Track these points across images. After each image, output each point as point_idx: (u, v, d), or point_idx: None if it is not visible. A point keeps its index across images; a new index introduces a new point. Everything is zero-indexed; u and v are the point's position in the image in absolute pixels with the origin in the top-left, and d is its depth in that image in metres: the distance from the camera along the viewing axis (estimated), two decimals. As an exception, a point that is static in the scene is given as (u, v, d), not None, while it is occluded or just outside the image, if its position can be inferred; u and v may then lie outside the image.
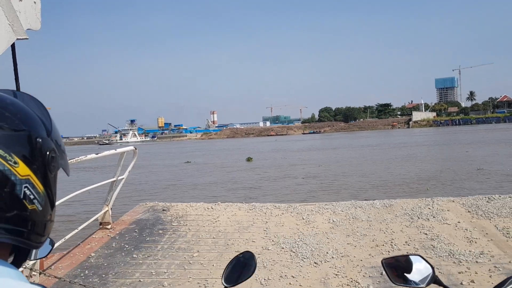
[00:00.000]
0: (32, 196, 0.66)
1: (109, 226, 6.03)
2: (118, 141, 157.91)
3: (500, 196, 6.71)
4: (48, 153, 0.69)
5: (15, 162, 0.64)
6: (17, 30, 3.47)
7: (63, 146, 0.77)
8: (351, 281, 4.33)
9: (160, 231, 6.02)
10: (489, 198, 6.64)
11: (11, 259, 0.71)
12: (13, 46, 3.59)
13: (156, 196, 15.38)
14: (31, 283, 0.66)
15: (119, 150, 5.94)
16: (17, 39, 3.51)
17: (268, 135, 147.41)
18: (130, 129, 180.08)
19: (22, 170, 0.64)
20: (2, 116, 0.64)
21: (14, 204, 0.63)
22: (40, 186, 0.68)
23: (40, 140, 0.68)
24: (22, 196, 0.64)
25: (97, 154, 5.02)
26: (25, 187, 0.65)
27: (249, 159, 33.69)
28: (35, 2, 3.70)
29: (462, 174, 18.04)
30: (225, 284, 1.47)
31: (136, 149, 6.25)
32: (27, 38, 3.64)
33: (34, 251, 0.98)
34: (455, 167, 20.88)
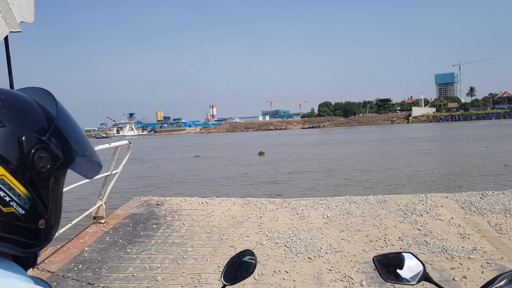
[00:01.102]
0: (8, 198, 0.61)
1: (103, 221, 6.02)
2: (115, 134, 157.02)
3: (493, 193, 6.74)
4: (33, 151, 0.64)
5: None
6: (10, 22, 3.44)
7: (81, 144, 0.73)
8: (345, 277, 4.35)
9: (154, 226, 6.02)
10: (482, 195, 6.67)
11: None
12: (6, 39, 3.57)
13: (173, 192, 14.70)
14: (32, 277, 0.66)
15: (113, 144, 5.92)
16: (10, 32, 3.49)
17: (267, 129, 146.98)
18: (127, 123, 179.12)
19: None
20: None
21: None
22: (20, 188, 0.63)
23: (24, 137, 0.63)
24: None
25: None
26: None
27: (261, 153, 32.69)
28: (28, -5, 3.67)
29: (490, 171, 17.09)
30: (223, 282, 1.46)
31: (130, 143, 6.24)
32: (20, 31, 3.61)
33: None
34: (480, 163, 19.95)
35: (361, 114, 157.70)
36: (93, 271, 4.60)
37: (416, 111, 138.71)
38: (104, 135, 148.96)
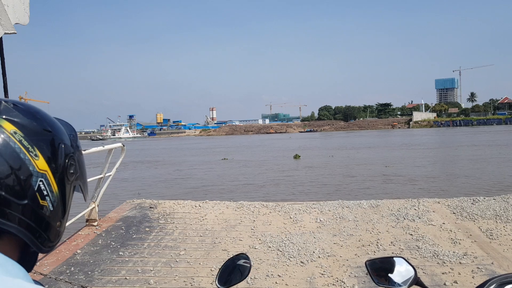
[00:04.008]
0: (45, 192, 0.69)
1: (95, 223, 6.01)
2: (111, 137, 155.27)
3: (484, 198, 6.76)
4: (67, 160, 0.74)
5: (36, 155, 0.69)
6: (4, 24, 3.46)
7: (84, 169, 0.82)
8: (337, 281, 4.37)
9: (147, 229, 6.01)
10: (473, 200, 6.69)
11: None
12: (0, 40, 3.59)
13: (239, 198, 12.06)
14: (35, 281, 0.68)
15: (107, 146, 5.93)
16: (5, 33, 3.51)
17: (267, 133, 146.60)
18: (123, 125, 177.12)
19: (41, 164, 0.69)
20: (34, 117, 0.71)
21: (27, 193, 0.67)
22: (55, 186, 0.71)
23: (63, 145, 0.74)
24: (36, 188, 0.68)
25: (84, 150, 5.02)
26: (41, 180, 0.69)
27: (296, 157, 30.89)
28: (23, -4, 3.70)
29: None
30: (218, 285, 1.47)
31: (124, 146, 6.24)
32: (15, 33, 3.63)
33: None
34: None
35: (362, 119, 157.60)
36: (85, 274, 4.59)
37: (417, 116, 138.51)
38: (100, 137, 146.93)
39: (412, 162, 24.83)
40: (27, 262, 0.72)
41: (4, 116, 0.68)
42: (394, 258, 1.46)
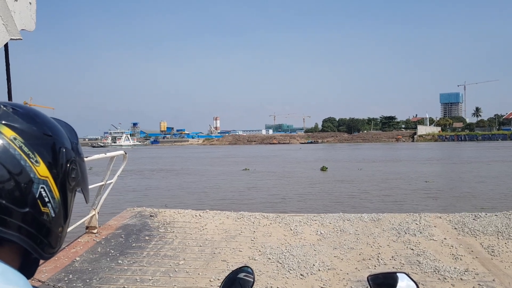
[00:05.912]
0: (47, 199, 0.68)
1: (95, 231, 5.99)
2: (112, 144, 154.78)
3: (486, 214, 6.71)
4: (69, 164, 0.73)
5: (37, 161, 0.67)
6: (11, 30, 3.50)
7: (85, 172, 0.81)
8: (336, 295, 4.33)
9: (147, 237, 5.99)
10: (475, 216, 6.64)
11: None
12: (6, 46, 3.63)
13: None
14: (34, 287, 0.67)
15: (109, 154, 5.95)
16: (11, 39, 3.55)
17: (270, 143, 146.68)
18: (124, 132, 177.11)
19: (42, 170, 0.68)
20: (34, 121, 0.70)
21: (28, 201, 0.66)
22: (56, 192, 0.70)
23: (64, 149, 0.73)
24: (37, 195, 0.67)
25: (86, 157, 5.04)
26: (42, 187, 0.68)
27: (323, 169, 29.84)
28: (30, 3, 3.74)
29: None
30: None
31: (126, 153, 6.26)
32: (21, 39, 3.67)
33: None
34: None
35: (366, 131, 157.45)
36: (83, 281, 4.57)
37: (422, 130, 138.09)
38: (102, 144, 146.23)
39: (448, 176, 24.04)
40: (29, 268, 0.72)
41: (3, 122, 0.67)
42: (397, 274, 1.45)
